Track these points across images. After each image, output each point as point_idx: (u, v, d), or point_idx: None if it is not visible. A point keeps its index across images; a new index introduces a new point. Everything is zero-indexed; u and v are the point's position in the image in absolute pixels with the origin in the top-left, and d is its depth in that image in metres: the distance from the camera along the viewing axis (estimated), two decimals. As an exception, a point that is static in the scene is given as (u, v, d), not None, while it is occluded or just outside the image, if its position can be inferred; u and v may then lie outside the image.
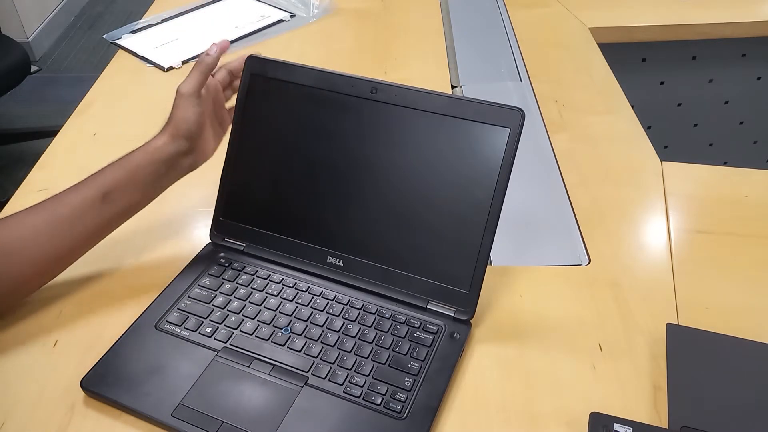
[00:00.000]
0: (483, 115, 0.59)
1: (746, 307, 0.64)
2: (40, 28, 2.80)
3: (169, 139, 0.65)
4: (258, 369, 0.57)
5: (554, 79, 1.03)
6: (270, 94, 0.67)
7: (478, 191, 0.59)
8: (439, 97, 0.61)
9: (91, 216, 0.62)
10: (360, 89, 0.63)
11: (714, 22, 1.21)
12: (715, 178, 0.83)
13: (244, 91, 0.68)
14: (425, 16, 1.23)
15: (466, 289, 0.60)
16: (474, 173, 0.59)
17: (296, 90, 0.66)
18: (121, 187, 0.63)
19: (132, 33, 1.18)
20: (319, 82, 0.65)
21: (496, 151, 0.58)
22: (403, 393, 0.54)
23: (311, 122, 0.65)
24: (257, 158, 0.68)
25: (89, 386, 0.55)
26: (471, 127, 0.59)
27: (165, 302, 0.63)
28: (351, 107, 0.63)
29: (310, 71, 0.65)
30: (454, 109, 0.60)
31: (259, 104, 0.67)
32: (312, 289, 0.64)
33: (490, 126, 0.59)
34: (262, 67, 0.67)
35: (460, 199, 0.60)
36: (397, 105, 0.62)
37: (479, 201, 0.59)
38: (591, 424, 0.52)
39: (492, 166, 0.59)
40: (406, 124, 0.62)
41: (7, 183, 1.97)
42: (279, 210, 0.67)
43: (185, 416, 0.53)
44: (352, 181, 0.64)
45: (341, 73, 0.64)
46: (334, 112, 0.64)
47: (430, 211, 0.61)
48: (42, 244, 0.60)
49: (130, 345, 0.59)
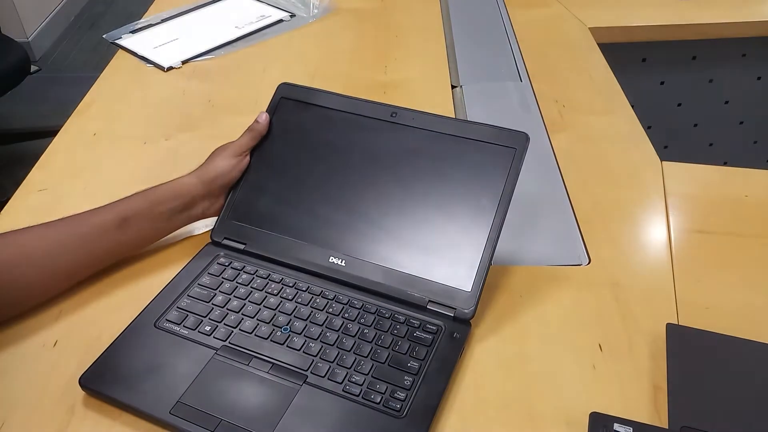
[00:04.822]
0: (492, 136, 0.65)
1: (746, 307, 0.64)
2: (40, 28, 2.80)
3: (195, 179, 0.68)
4: (257, 367, 0.57)
5: (554, 79, 1.03)
6: (294, 114, 0.72)
7: (484, 199, 0.63)
8: (452, 121, 0.68)
9: (108, 238, 0.64)
10: (380, 113, 0.69)
11: (714, 22, 1.21)
12: (715, 178, 0.83)
13: (271, 111, 0.73)
14: (425, 16, 1.23)
15: (467, 289, 0.60)
16: (482, 183, 0.64)
17: (319, 111, 0.72)
18: (139, 216, 0.65)
19: (132, 33, 1.18)
20: (343, 106, 0.71)
21: (503, 166, 0.64)
22: (402, 392, 0.54)
23: (330, 139, 0.70)
24: (273, 167, 0.70)
25: (87, 384, 0.55)
26: (480, 146, 0.65)
27: (164, 301, 0.63)
28: (371, 128, 0.69)
29: (335, 96, 0.72)
30: (466, 131, 0.66)
31: (282, 120, 0.72)
32: (312, 288, 0.64)
33: (497, 146, 0.64)
34: (292, 91, 0.73)
35: (467, 204, 0.63)
36: (414, 127, 0.68)
37: (485, 207, 0.63)
38: (591, 424, 0.52)
39: (498, 179, 0.63)
40: (420, 143, 0.67)
41: (7, 183, 1.97)
42: (284, 212, 0.68)
43: (183, 413, 0.53)
44: (362, 190, 0.67)
45: (364, 99, 0.71)
46: (353, 131, 0.70)
47: (437, 215, 0.64)
48: (60, 257, 0.62)
49: (129, 343, 0.59)
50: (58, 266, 0.62)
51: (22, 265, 0.60)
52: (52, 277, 0.63)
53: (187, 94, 1.00)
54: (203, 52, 1.10)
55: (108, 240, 0.64)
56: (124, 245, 0.66)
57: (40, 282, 0.62)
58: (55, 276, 0.63)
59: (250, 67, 1.07)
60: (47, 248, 0.62)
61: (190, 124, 0.93)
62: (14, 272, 0.60)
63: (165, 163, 0.84)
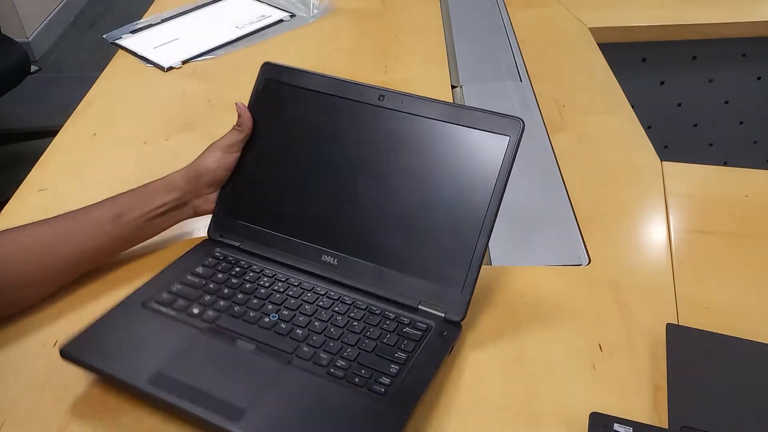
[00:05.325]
0: (484, 123, 0.61)
1: (746, 307, 0.64)
2: (40, 28, 2.80)
3: (183, 176, 0.68)
4: (241, 347, 0.57)
5: (554, 79, 1.03)
6: (280, 97, 0.69)
7: (476, 195, 0.60)
8: (443, 105, 0.63)
9: (102, 234, 0.64)
10: (368, 96, 0.65)
11: (714, 22, 1.21)
12: (715, 178, 0.83)
13: (256, 94, 0.70)
14: (425, 16, 1.23)
15: (458, 289, 0.60)
16: (473, 178, 0.60)
17: (305, 94, 0.68)
18: (133, 211, 0.65)
19: (132, 33, 1.18)
20: (329, 89, 0.67)
21: (496, 157, 0.60)
22: (387, 378, 0.54)
23: (317, 125, 0.67)
24: (261, 158, 0.69)
25: (68, 353, 0.55)
26: (472, 134, 0.61)
27: (155, 284, 0.63)
28: (358, 112, 0.65)
29: (321, 78, 0.67)
30: (457, 117, 0.62)
31: (269, 107, 0.69)
32: (303, 284, 0.63)
33: (490, 134, 0.60)
34: (276, 72, 0.69)
35: (458, 201, 0.61)
36: (403, 112, 0.64)
37: (476, 204, 0.60)
38: (591, 424, 0.52)
39: (491, 172, 0.60)
40: (409, 129, 0.63)
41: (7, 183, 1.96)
42: (278, 208, 0.67)
43: (162, 384, 0.52)
44: (351, 182, 0.65)
45: (351, 81, 0.66)
46: (340, 116, 0.66)
47: (428, 212, 0.62)
48: (55, 253, 0.62)
49: (115, 320, 0.58)
50: (54, 263, 0.62)
51: (17, 262, 0.60)
52: (47, 274, 0.62)
53: (187, 94, 1.00)
54: (203, 52, 1.10)
55: (102, 236, 0.64)
56: (118, 241, 0.66)
57: (35, 279, 0.62)
58: (50, 272, 0.63)
59: (250, 67, 1.06)
60: (42, 245, 0.62)
61: (190, 124, 0.93)
62: (9, 269, 0.60)
63: (165, 163, 0.83)
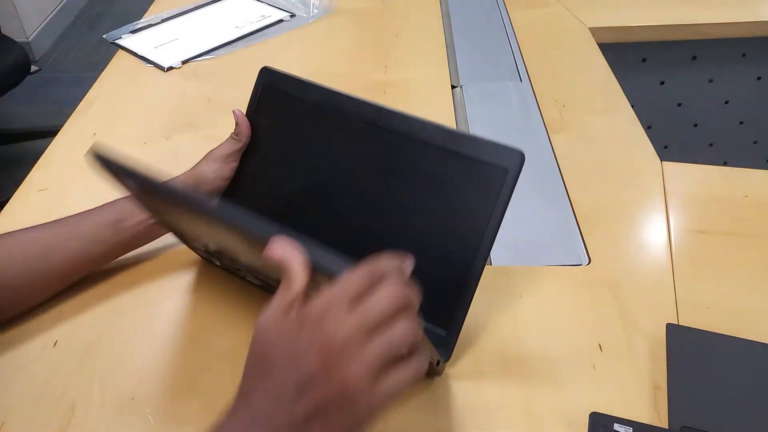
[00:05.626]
0: (482, 152, 0.56)
1: (746, 307, 0.64)
2: (40, 28, 2.80)
3: (183, 182, 0.68)
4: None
5: (554, 79, 1.03)
6: (276, 105, 0.68)
7: (468, 233, 0.56)
8: (441, 129, 0.58)
9: (102, 239, 0.64)
10: (364, 112, 0.62)
11: (714, 22, 1.21)
12: (715, 178, 0.83)
13: (253, 101, 0.69)
14: (425, 16, 1.23)
15: (443, 331, 0.56)
16: (466, 213, 0.56)
17: (302, 106, 0.66)
18: (132, 217, 0.65)
19: (132, 33, 1.18)
20: (326, 100, 0.64)
21: (491, 192, 0.55)
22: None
23: (310, 140, 0.65)
24: (257, 169, 0.68)
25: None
26: (469, 163, 0.56)
27: None
28: (353, 130, 0.63)
29: (318, 89, 0.65)
30: (454, 143, 0.57)
31: (266, 115, 0.68)
32: None
33: (488, 165, 0.56)
34: (273, 78, 0.68)
35: (449, 236, 0.57)
36: (398, 132, 0.60)
37: (468, 242, 0.56)
38: (591, 424, 0.52)
39: (485, 208, 0.55)
40: (403, 152, 0.60)
41: (7, 183, 1.97)
42: None
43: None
44: (340, 204, 0.63)
45: (348, 94, 0.63)
46: (335, 133, 0.64)
47: (416, 245, 0.57)
48: (54, 258, 0.62)
49: None
50: (53, 268, 0.62)
51: (16, 266, 0.60)
52: (46, 279, 0.62)
53: (187, 94, 1.00)
54: (203, 52, 1.10)
55: (102, 241, 0.64)
56: (118, 246, 0.65)
57: (34, 284, 0.62)
58: (49, 277, 0.62)
59: (250, 67, 1.06)
60: (41, 250, 0.61)
61: (190, 124, 0.93)
62: (8, 273, 0.59)
63: (165, 163, 0.83)
